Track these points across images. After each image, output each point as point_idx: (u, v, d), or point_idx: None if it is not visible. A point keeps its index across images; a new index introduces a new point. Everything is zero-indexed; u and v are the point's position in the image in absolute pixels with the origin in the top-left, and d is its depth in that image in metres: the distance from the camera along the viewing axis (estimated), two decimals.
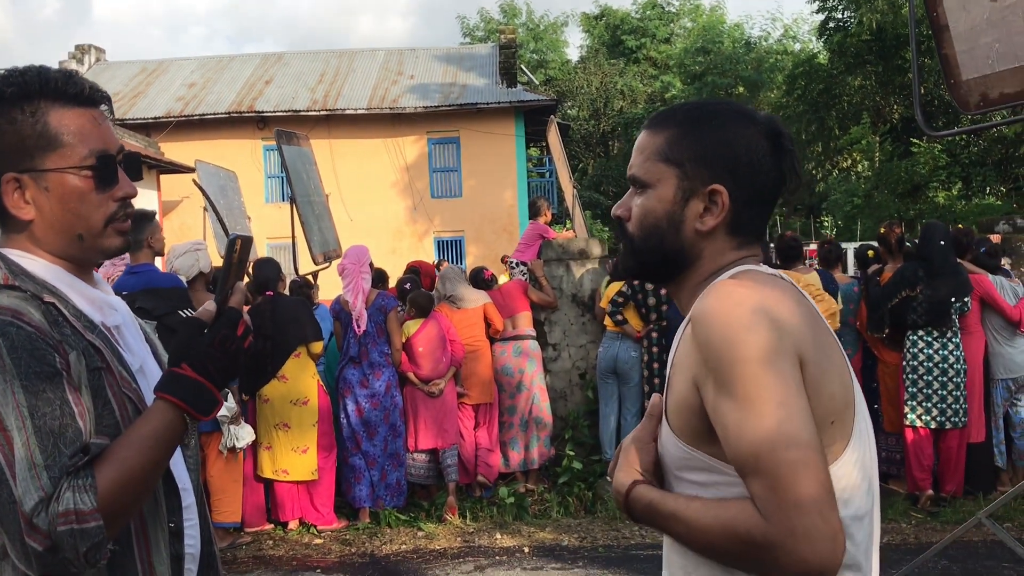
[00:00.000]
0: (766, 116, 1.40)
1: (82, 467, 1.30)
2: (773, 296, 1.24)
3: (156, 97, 22.06)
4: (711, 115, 1.38)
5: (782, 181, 1.38)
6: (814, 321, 1.27)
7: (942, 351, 5.94)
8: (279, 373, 5.82)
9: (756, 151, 1.35)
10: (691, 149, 1.35)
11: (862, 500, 1.25)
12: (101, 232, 1.51)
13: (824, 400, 1.21)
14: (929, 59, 16.58)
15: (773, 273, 1.33)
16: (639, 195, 1.41)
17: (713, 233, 1.36)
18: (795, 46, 33.64)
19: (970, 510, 5.77)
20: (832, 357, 1.26)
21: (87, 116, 1.49)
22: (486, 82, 22.51)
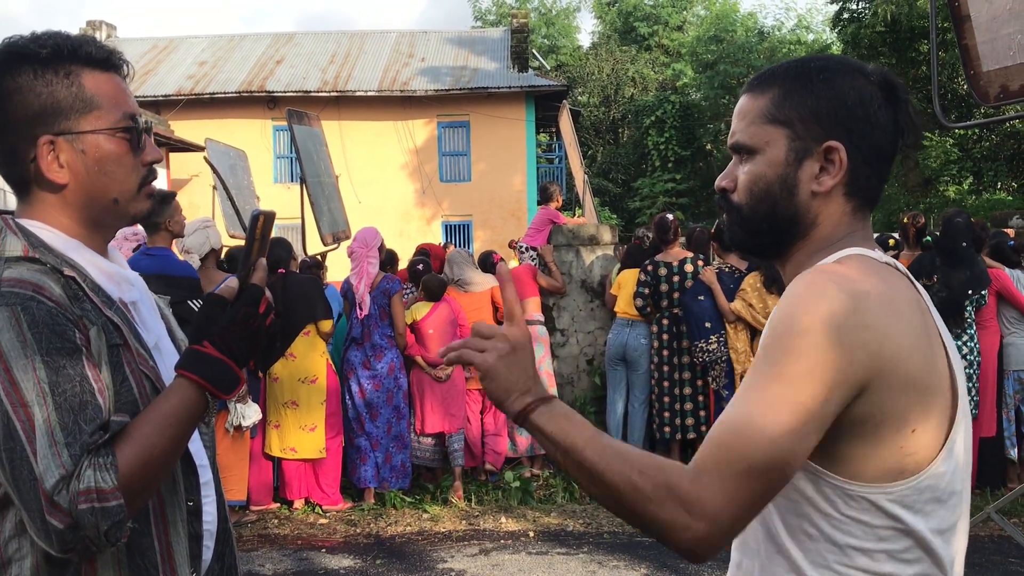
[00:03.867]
0: (876, 68, 1.30)
1: (103, 445, 1.29)
2: (861, 294, 1.15)
3: (166, 75, 22.02)
4: (818, 69, 1.28)
5: (899, 135, 1.28)
6: (915, 321, 1.19)
7: (955, 342, 5.91)
8: (288, 351, 5.83)
9: (870, 104, 1.26)
10: (800, 106, 1.26)
11: (947, 513, 1.20)
12: (135, 196, 1.50)
13: (913, 411, 1.15)
14: (944, 52, 16.46)
15: (885, 261, 1.25)
16: (746, 162, 1.31)
17: (830, 195, 1.27)
18: (808, 36, 33.40)
19: (978, 505, 5.76)
20: (934, 363, 1.19)
21: (116, 80, 1.48)
22: (497, 66, 22.42)
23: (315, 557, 5.23)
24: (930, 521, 1.18)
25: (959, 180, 19.33)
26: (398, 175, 21.08)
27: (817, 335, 1.12)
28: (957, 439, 1.20)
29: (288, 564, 5.12)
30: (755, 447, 1.10)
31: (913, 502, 1.17)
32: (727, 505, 1.10)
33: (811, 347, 1.11)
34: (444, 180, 21.36)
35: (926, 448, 1.17)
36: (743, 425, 1.12)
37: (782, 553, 1.23)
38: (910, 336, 1.16)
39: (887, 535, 1.17)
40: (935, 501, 1.18)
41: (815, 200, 1.28)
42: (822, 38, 31.32)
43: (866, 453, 1.16)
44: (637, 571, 4.92)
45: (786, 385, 1.11)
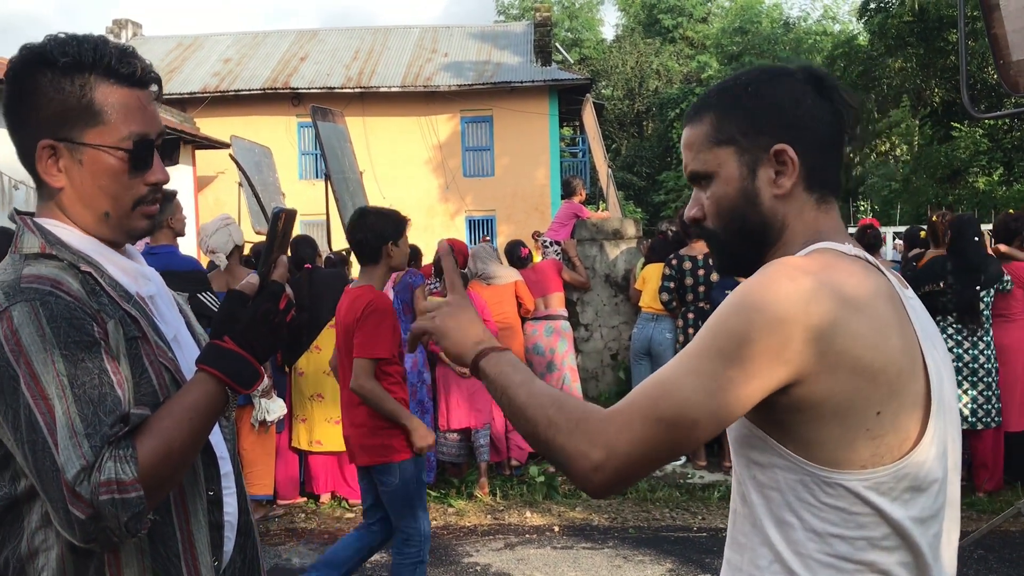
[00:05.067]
0: (799, 65, 1.36)
1: (123, 437, 1.30)
2: (824, 279, 1.18)
3: (192, 72, 22.20)
4: (745, 84, 1.34)
5: (839, 121, 1.33)
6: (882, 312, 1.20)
7: (972, 350, 5.83)
8: (314, 344, 5.87)
9: (802, 100, 1.31)
10: (739, 122, 1.31)
11: (927, 501, 1.22)
12: (128, 213, 1.50)
13: (862, 387, 1.16)
14: (973, 41, 16.22)
15: (854, 254, 1.26)
16: (706, 188, 1.36)
17: (792, 194, 1.32)
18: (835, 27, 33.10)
19: (1008, 499, 5.69)
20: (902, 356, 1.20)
21: (134, 97, 1.48)
22: (520, 60, 22.40)
23: None
24: (909, 509, 1.20)
25: (989, 171, 19.06)
26: (422, 170, 21.13)
27: (755, 318, 1.16)
28: (935, 428, 1.22)
29: (315, 558, 5.15)
30: (668, 400, 1.18)
31: (890, 489, 1.19)
32: (626, 443, 1.18)
33: (746, 327, 1.17)
34: (467, 175, 21.38)
35: (901, 435, 1.19)
36: (665, 379, 1.20)
37: (767, 544, 1.26)
38: (869, 326, 1.18)
39: (866, 522, 1.19)
40: (914, 489, 1.20)
41: (779, 202, 1.32)
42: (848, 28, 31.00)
43: (835, 437, 1.18)
44: (662, 566, 4.91)
45: (713, 356, 1.17)
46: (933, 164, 19.27)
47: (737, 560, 1.32)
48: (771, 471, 1.24)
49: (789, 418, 1.20)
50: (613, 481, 1.20)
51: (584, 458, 1.19)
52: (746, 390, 1.17)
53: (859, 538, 1.19)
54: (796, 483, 1.21)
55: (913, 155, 21.35)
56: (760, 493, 1.26)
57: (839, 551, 1.20)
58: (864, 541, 1.19)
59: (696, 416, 1.17)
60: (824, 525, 1.20)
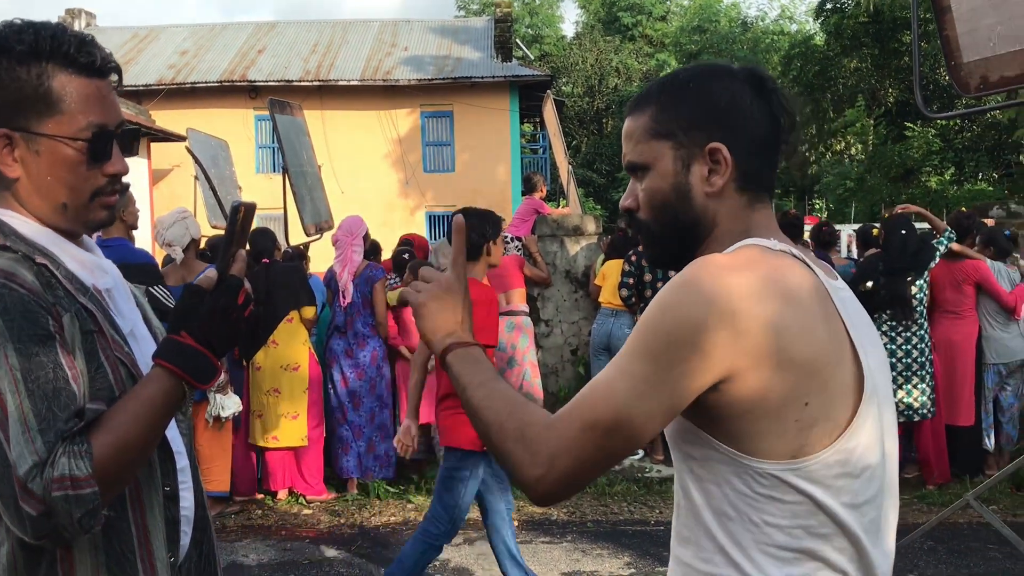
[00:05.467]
0: (743, 66, 1.37)
1: (77, 433, 1.29)
2: (747, 275, 1.20)
3: (147, 64, 21.85)
4: (687, 79, 1.36)
5: (776, 123, 1.35)
6: (798, 311, 1.21)
7: (906, 345, 5.94)
8: (271, 339, 5.82)
9: (741, 100, 1.32)
10: (678, 117, 1.33)
11: (861, 487, 1.24)
12: (86, 204, 1.47)
13: (790, 379, 1.18)
14: (926, 43, 16.54)
15: (780, 249, 1.28)
16: (642, 179, 1.38)
17: (723, 193, 1.33)
18: (792, 27, 33.51)
19: (957, 492, 5.83)
20: (828, 346, 1.21)
21: (93, 86, 1.45)
22: (481, 56, 22.36)
23: (299, 547, 5.23)
24: (841, 496, 1.22)
25: (941, 171, 19.44)
26: (381, 165, 21.01)
27: (681, 319, 1.18)
28: (867, 415, 1.24)
29: (272, 554, 5.11)
30: (605, 405, 1.20)
31: (823, 477, 1.21)
32: (566, 453, 1.20)
33: (673, 329, 1.18)
34: (428, 170, 21.31)
35: (830, 423, 1.21)
36: (600, 384, 1.22)
37: (708, 536, 1.27)
38: (794, 318, 1.19)
39: (801, 511, 1.21)
40: (846, 476, 1.22)
41: (711, 200, 1.34)
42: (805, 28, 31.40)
43: (766, 430, 1.20)
44: (620, 559, 4.95)
45: (645, 358, 1.19)
46: (887, 163, 19.61)
47: (682, 553, 1.33)
48: (708, 464, 1.26)
49: (721, 413, 1.22)
50: (556, 490, 1.22)
51: (528, 467, 1.21)
52: (679, 389, 1.19)
53: (795, 527, 1.21)
54: (732, 476, 1.23)
55: (867, 154, 21.71)
56: (699, 487, 1.28)
57: (777, 540, 1.22)
58: (800, 529, 1.21)
59: (633, 419, 1.19)
60: (761, 515, 1.22)
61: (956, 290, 6.19)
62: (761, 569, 1.22)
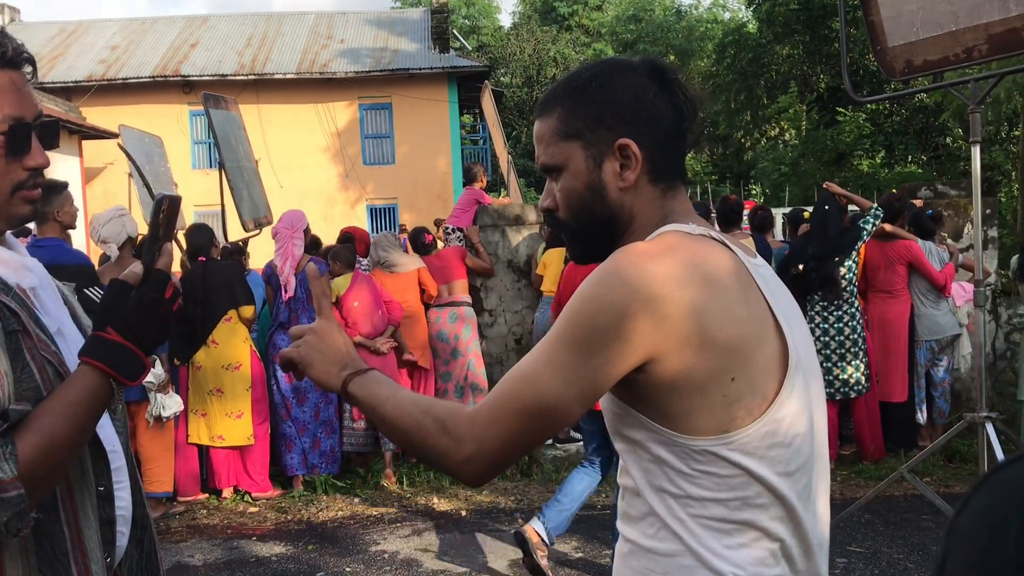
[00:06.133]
0: (642, 59, 1.40)
1: (1, 435, 1.26)
2: (666, 260, 1.23)
3: (76, 59, 21.28)
4: (589, 79, 1.38)
5: (679, 112, 1.37)
6: (732, 288, 1.25)
7: (838, 323, 6.08)
8: (211, 339, 5.73)
9: (644, 94, 1.35)
10: (584, 117, 1.36)
11: (792, 455, 1.27)
12: (8, 200, 1.44)
13: (713, 358, 1.21)
14: (855, 29, 16.89)
15: (699, 233, 1.31)
16: (556, 180, 1.41)
17: (637, 186, 1.36)
18: (725, 15, 33.95)
19: (892, 466, 5.99)
20: (753, 325, 1.25)
21: (6, 78, 1.42)
22: (418, 47, 22.24)
23: (246, 545, 5.17)
24: (775, 465, 1.26)
25: (872, 154, 19.91)
26: (320, 159, 20.80)
27: (603, 304, 1.22)
28: (793, 386, 1.28)
29: (219, 554, 5.05)
30: (530, 391, 1.23)
31: (755, 448, 1.24)
32: (494, 436, 1.24)
33: (595, 314, 1.22)
34: (367, 163, 21.15)
35: (758, 397, 1.25)
36: (523, 372, 1.26)
37: (652, 513, 1.31)
38: (715, 299, 1.23)
39: (737, 483, 1.25)
40: (777, 446, 1.26)
41: (625, 195, 1.37)
42: (738, 16, 31.82)
43: (695, 407, 1.23)
44: (568, 544, 4.99)
45: (568, 344, 1.23)
46: (820, 148, 20.02)
47: (628, 532, 1.36)
48: (645, 444, 1.29)
49: (649, 394, 1.26)
50: (485, 471, 1.27)
51: (455, 452, 1.25)
52: (602, 374, 1.23)
53: (733, 499, 1.25)
54: (667, 454, 1.26)
55: (801, 139, 22.13)
56: (639, 466, 1.31)
57: (716, 514, 1.25)
58: (738, 501, 1.25)
59: (558, 404, 1.23)
60: (700, 491, 1.25)
61: (889, 270, 6.35)
62: (702, 542, 1.25)
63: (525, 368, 1.26)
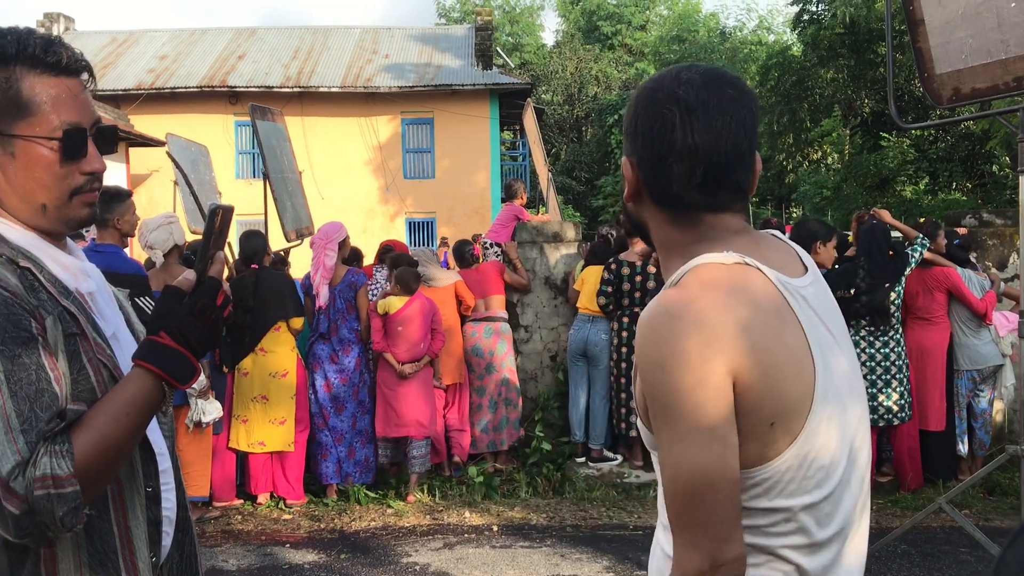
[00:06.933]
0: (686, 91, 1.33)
1: (59, 433, 1.31)
2: (712, 306, 1.24)
3: (126, 68, 21.73)
4: (632, 99, 1.43)
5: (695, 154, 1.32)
6: (770, 320, 1.26)
7: (884, 349, 6.01)
8: (259, 346, 5.81)
9: (656, 121, 1.34)
10: (625, 126, 1.43)
11: (813, 489, 1.27)
12: (66, 203, 1.48)
13: (766, 405, 1.23)
14: (901, 54, 16.73)
15: (739, 261, 1.30)
16: None
17: (644, 205, 1.42)
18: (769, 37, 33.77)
19: (929, 496, 5.90)
20: (787, 356, 1.25)
21: (63, 86, 1.46)
22: (461, 63, 22.41)
23: (279, 552, 5.22)
24: (798, 497, 1.27)
25: (915, 180, 19.65)
26: (362, 172, 21.00)
27: (683, 370, 1.21)
28: (821, 417, 1.27)
29: (252, 559, 5.10)
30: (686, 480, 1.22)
31: (776, 483, 1.26)
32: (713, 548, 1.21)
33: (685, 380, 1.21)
34: (408, 177, 21.31)
35: (787, 428, 1.25)
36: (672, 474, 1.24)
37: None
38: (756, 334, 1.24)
39: (756, 513, 1.27)
40: (804, 478, 1.27)
41: (636, 208, 1.45)
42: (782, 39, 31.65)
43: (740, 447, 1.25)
44: (599, 563, 4.97)
45: (689, 425, 1.21)
46: (863, 172, 19.79)
47: (659, 535, 1.43)
48: None
49: None
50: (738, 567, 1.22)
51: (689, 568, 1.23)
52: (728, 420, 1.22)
53: (750, 526, 1.27)
54: None
55: (844, 163, 21.90)
56: None
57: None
58: (754, 528, 1.27)
59: (726, 474, 1.21)
60: None
61: (927, 297, 6.27)
62: None
63: (671, 472, 1.24)
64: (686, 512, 1.22)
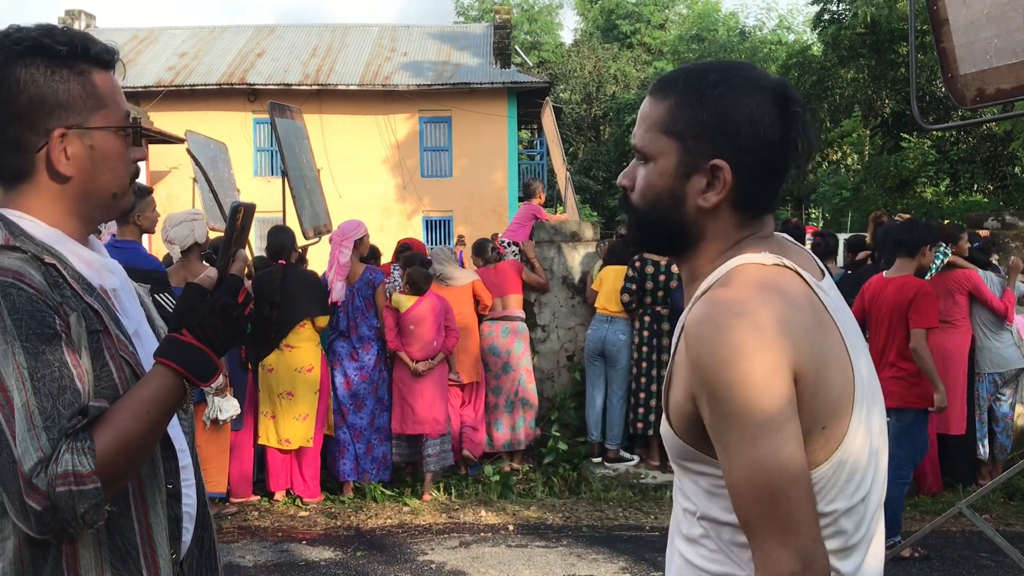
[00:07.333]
0: (776, 81, 1.31)
1: (81, 429, 1.31)
2: (767, 304, 1.21)
3: (146, 66, 21.86)
4: (714, 83, 1.29)
5: (792, 149, 1.29)
6: (814, 318, 1.24)
7: None
8: (284, 342, 5.83)
9: (761, 121, 1.27)
10: (692, 122, 1.29)
11: (852, 493, 1.26)
12: (127, 191, 1.55)
13: (817, 407, 1.21)
14: (923, 54, 16.60)
15: (775, 262, 1.28)
16: (643, 166, 1.36)
17: (717, 210, 1.31)
18: (789, 37, 33.61)
19: (950, 501, 5.85)
20: (833, 354, 1.24)
21: (113, 79, 1.53)
22: (479, 62, 22.40)
23: (296, 549, 5.23)
24: (839, 502, 1.24)
25: (936, 182, 19.51)
26: (379, 170, 21.03)
27: (754, 366, 1.17)
28: (859, 422, 1.26)
29: (269, 556, 5.12)
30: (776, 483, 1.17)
31: (822, 487, 1.23)
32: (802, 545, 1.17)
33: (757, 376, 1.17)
34: (425, 175, 21.33)
35: (830, 433, 1.24)
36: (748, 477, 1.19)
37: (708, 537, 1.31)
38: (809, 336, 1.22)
39: None
40: (845, 482, 1.25)
41: (701, 214, 1.32)
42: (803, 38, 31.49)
43: None
44: (615, 564, 4.96)
45: (765, 420, 1.17)
46: (883, 174, 19.66)
47: (682, 548, 1.37)
48: (709, 478, 1.30)
49: None
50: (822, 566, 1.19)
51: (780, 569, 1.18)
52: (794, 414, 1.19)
53: None
54: None
55: (864, 164, 21.77)
56: (704, 496, 1.31)
57: None
58: None
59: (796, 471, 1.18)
60: None
61: (949, 300, 6.21)
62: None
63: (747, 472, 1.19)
64: (768, 513, 1.17)
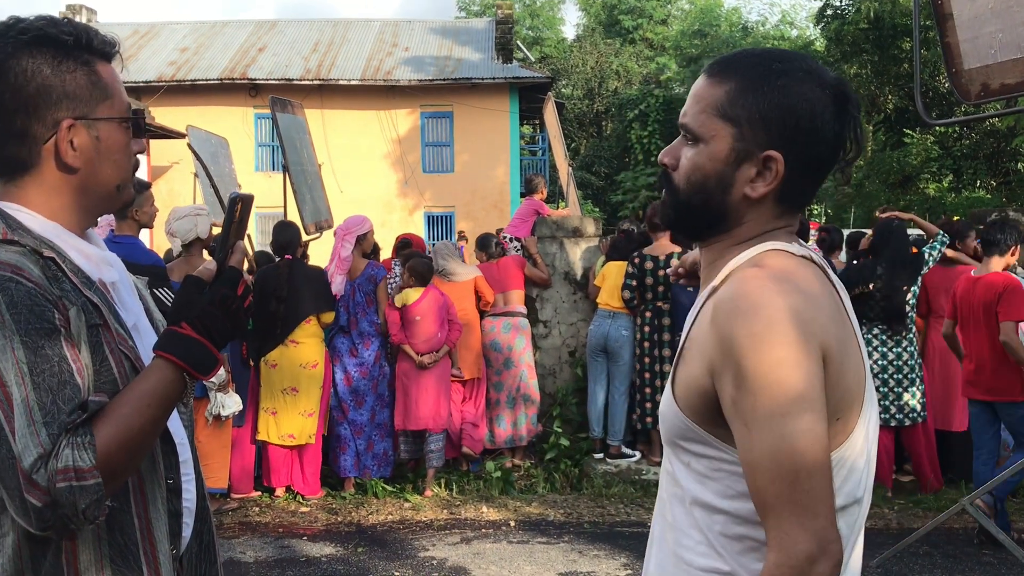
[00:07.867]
0: (835, 78, 1.31)
1: (81, 424, 1.30)
2: (800, 287, 1.21)
3: (147, 61, 21.85)
4: (778, 73, 1.27)
5: (841, 149, 1.30)
6: (837, 311, 1.25)
7: (896, 348, 5.94)
8: (290, 338, 5.82)
9: (819, 117, 1.27)
10: (751, 108, 1.26)
11: (850, 492, 1.26)
12: (130, 183, 1.55)
13: (837, 395, 1.20)
14: (926, 50, 16.57)
15: (803, 254, 1.28)
16: (690, 147, 1.33)
17: (762, 200, 1.30)
18: (792, 32, 33.54)
19: (952, 497, 5.83)
20: (851, 349, 1.24)
21: (115, 71, 1.53)
22: (481, 57, 22.38)
23: (297, 545, 5.23)
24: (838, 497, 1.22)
25: (939, 178, 19.49)
26: (380, 165, 21.02)
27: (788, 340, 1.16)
28: (865, 419, 1.26)
29: (270, 551, 5.12)
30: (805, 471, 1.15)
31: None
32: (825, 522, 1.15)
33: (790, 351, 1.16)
34: (427, 171, 21.32)
35: (841, 433, 1.23)
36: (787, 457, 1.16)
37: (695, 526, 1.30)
38: (833, 325, 1.22)
39: None
40: (847, 478, 1.25)
41: (745, 202, 1.31)
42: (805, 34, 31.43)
43: None
44: (617, 560, 4.95)
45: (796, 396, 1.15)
46: (885, 169, 19.63)
47: (668, 537, 1.35)
48: (706, 461, 1.28)
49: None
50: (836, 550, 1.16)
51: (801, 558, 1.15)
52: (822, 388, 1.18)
53: None
54: (728, 475, 1.25)
55: (866, 160, 21.73)
56: (695, 480, 1.29)
57: (761, 536, 1.22)
58: None
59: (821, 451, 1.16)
60: (752, 514, 1.23)
61: (938, 258, 6.18)
62: (742, 563, 1.25)
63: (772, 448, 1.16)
64: (789, 492, 1.14)
